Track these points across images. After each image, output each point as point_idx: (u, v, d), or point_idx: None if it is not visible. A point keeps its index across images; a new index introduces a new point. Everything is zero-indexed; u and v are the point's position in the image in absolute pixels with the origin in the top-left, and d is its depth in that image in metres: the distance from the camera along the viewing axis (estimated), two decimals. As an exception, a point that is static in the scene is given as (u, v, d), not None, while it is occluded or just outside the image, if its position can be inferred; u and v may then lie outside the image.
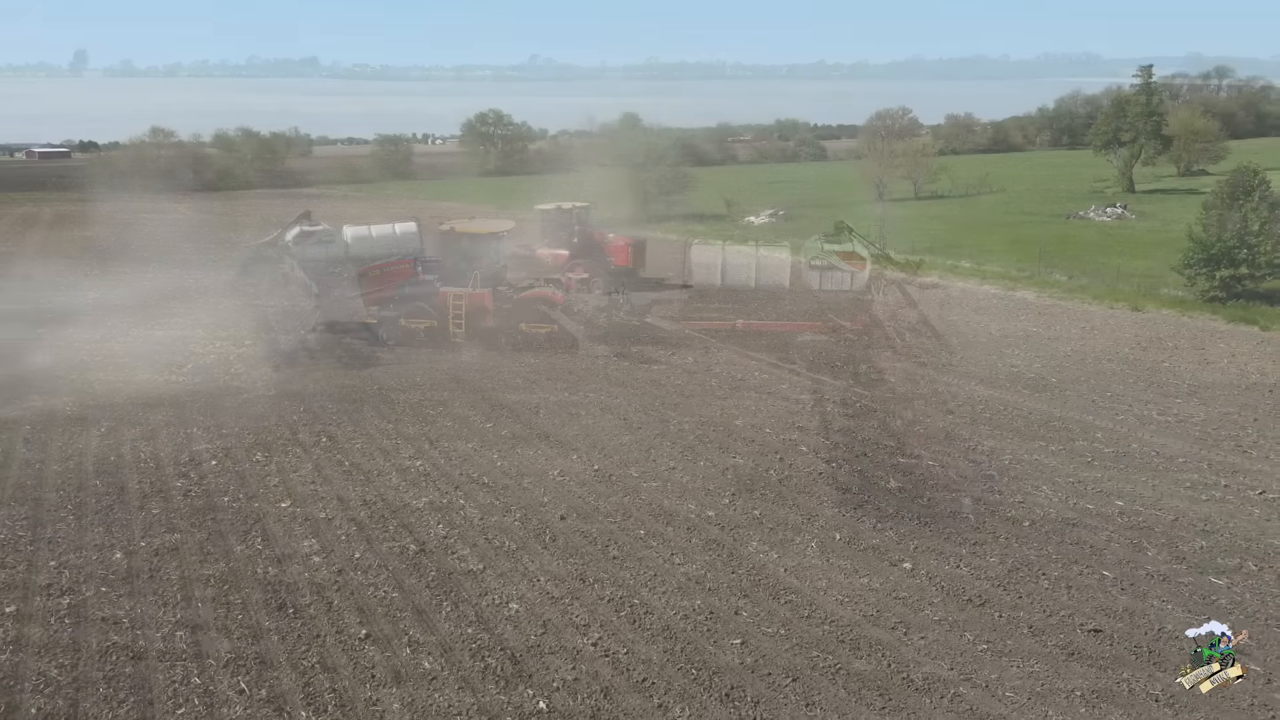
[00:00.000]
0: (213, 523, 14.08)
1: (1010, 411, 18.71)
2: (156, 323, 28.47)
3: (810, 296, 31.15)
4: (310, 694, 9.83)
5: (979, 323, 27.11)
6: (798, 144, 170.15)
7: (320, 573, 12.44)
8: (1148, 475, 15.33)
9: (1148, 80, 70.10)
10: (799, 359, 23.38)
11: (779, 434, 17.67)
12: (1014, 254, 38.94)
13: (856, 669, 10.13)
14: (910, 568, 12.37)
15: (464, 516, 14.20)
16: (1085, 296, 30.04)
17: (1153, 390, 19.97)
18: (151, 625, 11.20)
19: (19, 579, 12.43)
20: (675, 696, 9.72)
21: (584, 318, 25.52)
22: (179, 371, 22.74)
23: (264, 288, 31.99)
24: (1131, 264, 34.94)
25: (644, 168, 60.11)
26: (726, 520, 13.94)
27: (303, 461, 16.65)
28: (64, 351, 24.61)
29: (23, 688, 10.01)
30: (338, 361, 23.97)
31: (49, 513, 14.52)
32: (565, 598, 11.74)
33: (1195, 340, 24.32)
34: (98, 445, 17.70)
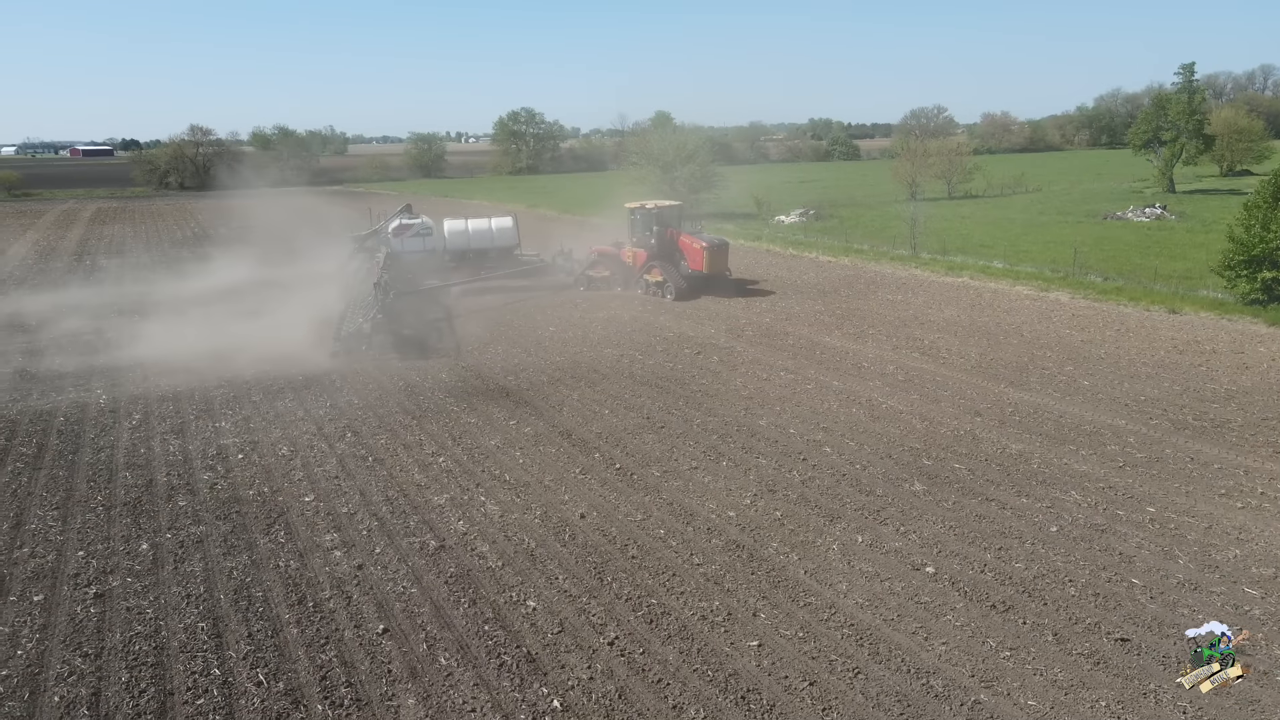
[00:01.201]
0: (237, 516, 14.25)
1: (1040, 414, 18.38)
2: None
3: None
4: (327, 688, 9.88)
5: (1010, 324, 26.69)
6: (831, 143, 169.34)
7: (341, 567, 12.53)
8: (1181, 481, 14.97)
9: (1189, 78, 68.72)
10: (824, 361, 23.19)
11: (803, 435, 17.50)
12: (1048, 255, 38.36)
13: (875, 674, 9.99)
14: (933, 571, 12.17)
15: (484, 513, 14.23)
16: (1121, 298, 29.46)
17: (1188, 394, 19.51)
18: (174, 616, 11.35)
19: (48, 567, 12.67)
20: (691, 698, 9.64)
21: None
22: (216, 369, 23.09)
23: (359, 279, 32.65)
24: (1169, 265, 34.27)
25: (674, 166, 60.03)
26: (747, 521, 13.82)
27: (327, 456, 16.80)
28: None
29: (47, 675, 10.18)
30: (392, 350, 24.72)
31: (79, 503, 14.81)
32: (583, 596, 11.71)
33: (1234, 344, 23.73)
34: (128, 438, 18.04)
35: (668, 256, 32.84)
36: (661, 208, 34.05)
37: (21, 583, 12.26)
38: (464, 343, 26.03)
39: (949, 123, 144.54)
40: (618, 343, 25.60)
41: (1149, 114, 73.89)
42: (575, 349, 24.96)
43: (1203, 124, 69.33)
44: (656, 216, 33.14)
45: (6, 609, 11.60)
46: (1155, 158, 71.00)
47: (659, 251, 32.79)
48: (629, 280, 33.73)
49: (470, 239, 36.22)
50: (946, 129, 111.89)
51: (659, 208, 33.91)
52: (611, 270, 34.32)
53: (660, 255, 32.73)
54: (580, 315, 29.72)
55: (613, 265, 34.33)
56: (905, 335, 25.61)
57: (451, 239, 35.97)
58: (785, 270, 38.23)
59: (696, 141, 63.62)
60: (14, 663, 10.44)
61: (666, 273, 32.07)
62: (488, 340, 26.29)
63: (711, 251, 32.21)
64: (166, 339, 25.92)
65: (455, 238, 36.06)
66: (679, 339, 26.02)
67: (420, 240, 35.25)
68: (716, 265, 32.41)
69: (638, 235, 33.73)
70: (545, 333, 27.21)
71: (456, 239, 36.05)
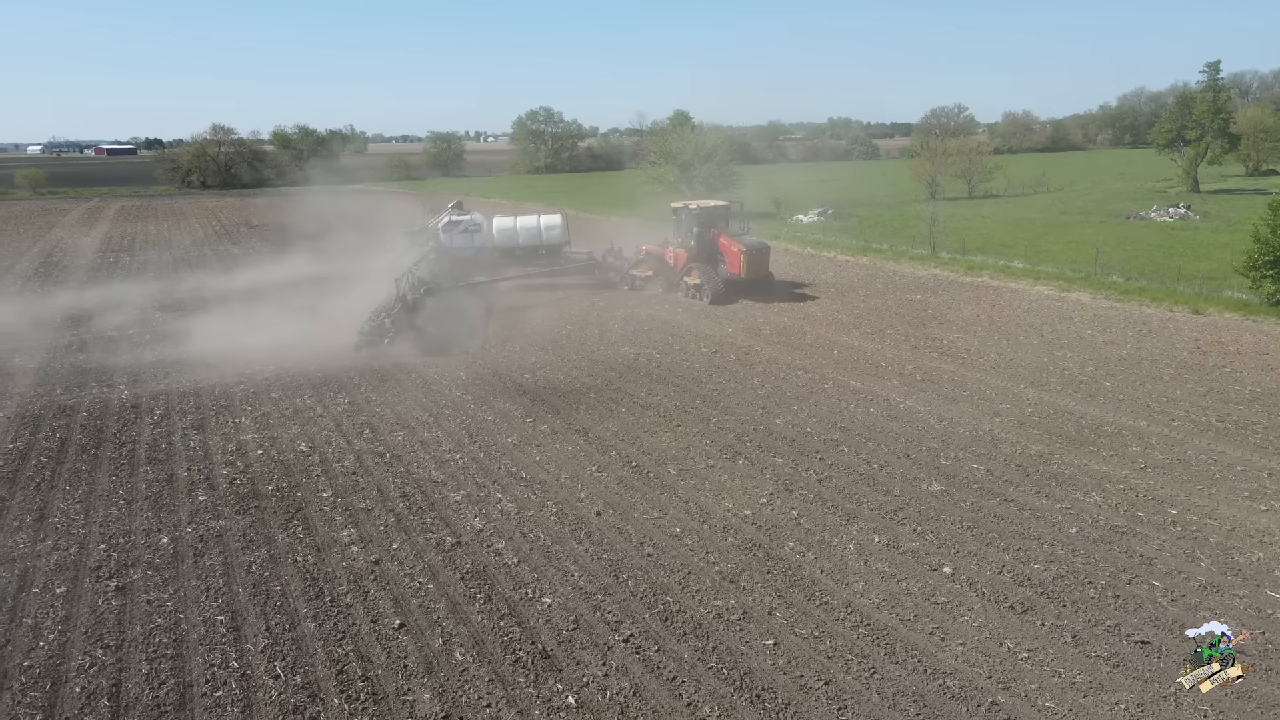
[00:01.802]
0: (256, 511, 14.37)
1: (1060, 415, 18.22)
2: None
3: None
4: (343, 681, 9.94)
5: (1030, 324, 26.46)
6: (850, 142, 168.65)
7: (358, 562, 12.60)
8: (1203, 484, 14.79)
9: (1215, 76, 67.96)
10: (841, 361, 23.09)
11: (820, 434, 17.44)
12: (1069, 255, 38.02)
13: (891, 674, 9.93)
14: (950, 572, 12.09)
15: (500, 510, 14.27)
16: (1143, 299, 29.15)
17: (1211, 396, 19.28)
18: (194, 609, 11.46)
19: (70, 560, 12.83)
20: (705, 695, 9.62)
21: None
22: (242, 363, 23.30)
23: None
24: (1193, 266, 33.86)
25: (692, 165, 59.98)
26: (763, 520, 13.78)
27: (345, 453, 16.91)
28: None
29: (69, 666, 10.30)
30: (413, 347, 24.90)
31: (101, 497, 14.99)
32: (598, 593, 11.72)
33: (1259, 345, 23.42)
34: (149, 433, 18.23)
35: (708, 258, 31.85)
36: (705, 208, 32.88)
37: (44, 575, 12.42)
38: (484, 340, 26.12)
39: (970, 122, 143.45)
40: (634, 341, 25.60)
41: (1173, 113, 73.12)
42: (592, 347, 24.98)
43: (1228, 123, 68.58)
44: (699, 216, 32.12)
45: (29, 601, 11.76)
46: (1179, 157, 70.21)
47: (699, 253, 31.88)
48: (672, 281, 33.00)
49: (518, 236, 35.99)
50: (967, 128, 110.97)
51: (701, 208, 32.78)
52: (655, 270, 33.60)
53: (700, 257, 31.82)
54: (598, 314, 29.74)
55: (657, 265, 33.58)
56: (923, 335, 25.45)
57: (499, 236, 35.82)
58: (803, 270, 38.09)
59: (715, 141, 63.54)
60: (36, 653, 10.58)
61: (704, 275, 31.15)
62: (505, 338, 26.36)
63: (749, 255, 30.98)
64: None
65: (503, 235, 35.91)
66: (696, 337, 25.99)
67: (468, 237, 35.23)
68: (755, 269, 31.15)
69: (681, 235, 32.93)
70: (562, 331, 27.26)
71: (504, 236, 35.89)
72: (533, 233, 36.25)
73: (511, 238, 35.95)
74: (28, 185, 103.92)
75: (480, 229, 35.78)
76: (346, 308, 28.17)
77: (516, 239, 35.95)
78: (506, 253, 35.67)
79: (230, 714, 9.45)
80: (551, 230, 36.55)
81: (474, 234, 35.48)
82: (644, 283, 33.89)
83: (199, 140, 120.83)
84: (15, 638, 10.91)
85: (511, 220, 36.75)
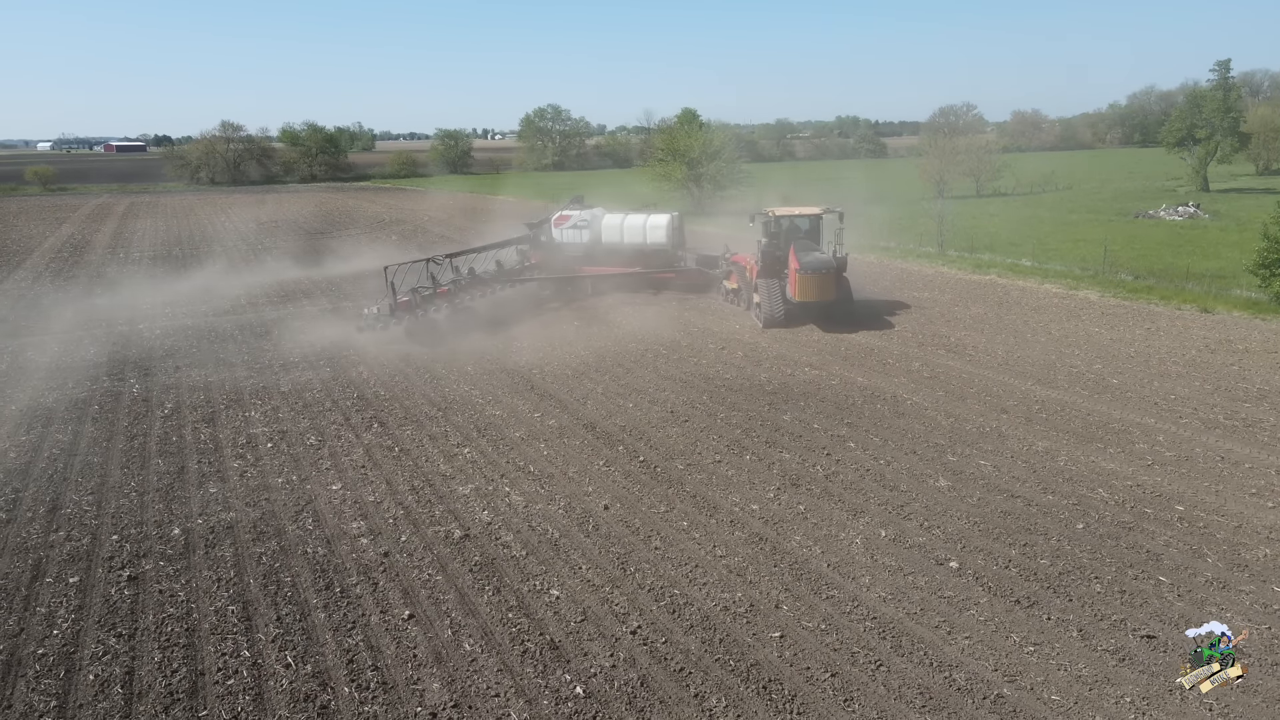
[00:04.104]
0: (266, 503, 14.48)
1: (1067, 412, 18.22)
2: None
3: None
4: (354, 671, 10.03)
5: (1038, 322, 26.44)
6: (858, 140, 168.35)
7: (367, 554, 12.70)
8: (1211, 480, 14.79)
9: (1225, 75, 67.68)
10: (848, 357, 23.12)
11: (827, 430, 17.48)
12: (1078, 253, 37.95)
13: (898, 667, 9.98)
14: (957, 566, 12.13)
15: (509, 504, 14.35)
16: (1152, 297, 29.10)
17: (1220, 394, 19.25)
18: (205, 599, 11.57)
19: (83, 550, 12.96)
20: (712, 687, 9.69)
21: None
22: (260, 364, 23.43)
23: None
24: (1202, 264, 33.77)
25: (699, 163, 59.99)
26: (770, 514, 13.83)
27: (354, 446, 17.02)
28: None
29: (82, 654, 10.42)
30: (421, 341, 25.28)
31: (113, 489, 15.12)
32: (606, 586, 11.79)
33: (1268, 344, 23.36)
34: (160, 427, 18.37)
35: (776, 274, 27.64)
36: (783, 215, 28.56)
37: (58, 565, 12.56)
38: (500, 338, 26.21)
39: (978, 120, 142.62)
40: (642, 337, 25.67)
41: (1183, 112, 72.90)
42: (600, 343, 25.06)
43: (1238, 122, 68.37)
44: (774, 225, 28.37)
45: (44, 590, 11.89)
46: (1189, 156, 70.02)
47: (766, 268, 27.74)
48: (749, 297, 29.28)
49: (623, 233, 34.62)
50: (975, 127, 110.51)
51: (776, 215, 28.38)
52: (740, 283, 30.13)
53: (767, 272, 27.65)
54: (605, 311, 29.81)
55: (740, 277, 30.04)
56: (931, 332, 25.46)
57: (606, 233, 34.77)
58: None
59: (722, 138, 63.52)
60: (50, 642, 10.70)
61: (766, 294, 27.02)
62: (517, 334, 26.45)
63: (807, 276, 26.06)
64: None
65: (609, 232, 34.79)
66: (703, 333, 26.05)
67: (577, 232, 34.75)
68: (819, 292, 26.16)
69: (759, 246, 28.58)
70: (571, 326, 27.34)
71: (610, 233, 34.75)
72: (636, 231, 34.67)
73: (616, 235, 34.67)
74: (38, 181, 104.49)
75: (589, 226, 34.84)
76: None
77: (621, 236, 34.58)
78: (610, 250, 34.43)
79: (242, 702, 9.55)
80: (655, 230, 34.44)
81: (583, 230, 34.69)
82: (734, 296, 30.64)
83: (208, 137, 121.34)
84: (30, 626, 11.05)
85: (620, 218, 35.24)
